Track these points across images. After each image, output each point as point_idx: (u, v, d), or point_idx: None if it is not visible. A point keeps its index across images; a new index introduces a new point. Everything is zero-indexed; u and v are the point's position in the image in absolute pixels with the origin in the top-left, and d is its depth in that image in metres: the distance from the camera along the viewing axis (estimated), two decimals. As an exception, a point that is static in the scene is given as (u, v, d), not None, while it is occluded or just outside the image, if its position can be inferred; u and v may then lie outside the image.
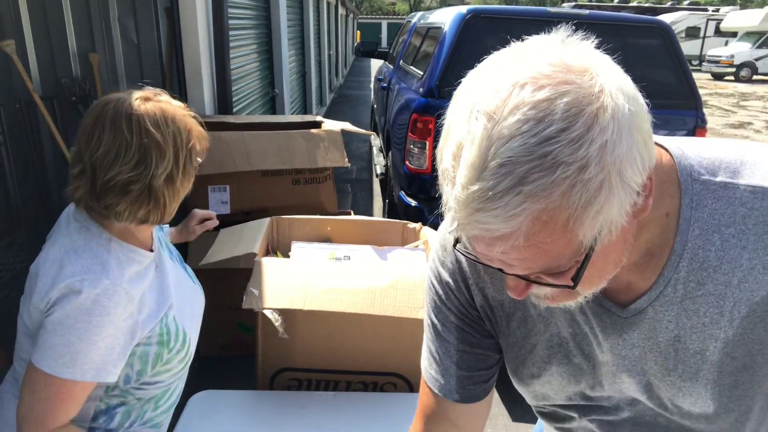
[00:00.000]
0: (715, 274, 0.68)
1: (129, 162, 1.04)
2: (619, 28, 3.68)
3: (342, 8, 18.35)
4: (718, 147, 0.71)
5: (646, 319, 0.72)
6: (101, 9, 3.22)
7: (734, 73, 21.58)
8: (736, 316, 0.68)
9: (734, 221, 0.67)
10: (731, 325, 0.69)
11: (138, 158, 1.04)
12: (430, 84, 3.54)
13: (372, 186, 6.51)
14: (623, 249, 0.65)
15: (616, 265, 0.66)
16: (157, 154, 1.05)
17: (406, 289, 1.60)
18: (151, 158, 1.05)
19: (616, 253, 0.64)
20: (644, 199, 0.60)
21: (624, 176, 0.55)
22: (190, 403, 1.60)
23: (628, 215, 0.58)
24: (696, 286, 0.69)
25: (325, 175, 3.18)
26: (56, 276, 1.02)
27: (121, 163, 1.04)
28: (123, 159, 1.04)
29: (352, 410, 1.58)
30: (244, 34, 5.16)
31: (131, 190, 1.05)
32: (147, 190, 1.06)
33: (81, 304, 1.00)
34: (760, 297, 0.66)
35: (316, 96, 10.53)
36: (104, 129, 1.04)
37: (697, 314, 0.70)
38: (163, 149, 1.06)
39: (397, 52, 6.06)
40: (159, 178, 1.06)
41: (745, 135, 10.73)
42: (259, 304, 1.57)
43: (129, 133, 1.04)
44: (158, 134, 1.05)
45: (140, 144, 1.04)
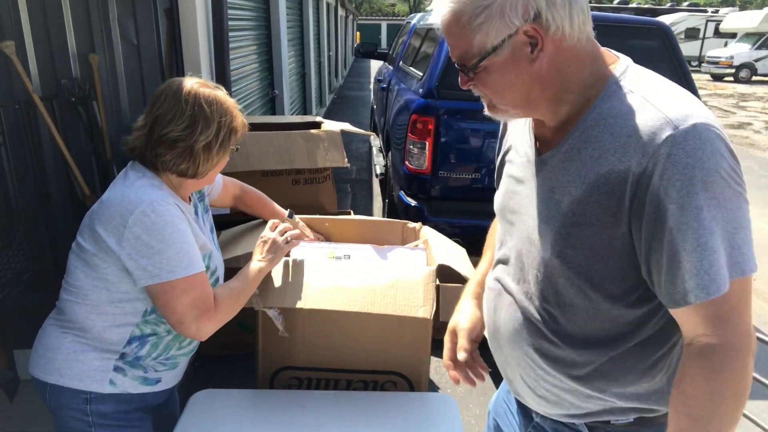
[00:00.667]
0: (588, 148, 0.92)
1: (181, 124, 1.32)
2: (618, 29, 3.68)
3: (342, 9, 18.36)
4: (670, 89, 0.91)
5: (546, 168, 1.00)
6: (101, 10, 3.23)
7: (734, 74, 21.60)
8: (585, 180, 0.91)
9: (615, 115, 0.89)
10: (581, 187, 0.92)
11: (188, 123, 1.33)
12: (430, 85, 3.54)
13: (372, 186, 6.51)
14: (520, 82, 0.92)
15: (520, 93, 0.94)
16: (203, 124, 1.33)
17: (406, 287, 1.60)
18: (198, 126, 1.33)
19: (512, 79, 0.92)
20: (537, 52, 0.89)
21: (504, 12, 0.86)
22: (190, 403, 1.60)
23: (518, 56, 0.89)
24: (575, 153, 0.94)
25: (324, 175, 3.19)
26: (125, 209, 1.25)
27: (175, 124, 1.32)
28: (177, 121, 1.32)
29: (353, 410, 1.58)
30: (244, 35, 5.17)
31: (178, 146, 1.33)
32: (189, 150, 1.33)
33: (156, 218, 1.25)
34: (604, 171, 0.89)
35: (316, 97, 10.53)
36: (167, 97, 1.34)
37: (568, 173, 0.94)
38: (208, 122, 1.34)
39: (397, 53, 6.06)
40: (200, 143, 1.34)
41: (745, 135, 10.74)
42: (260, 303, 1.57)
43: (185, 103, 1.33)
44: (207, 109, 1.34)
45: (192, 113, 1.33)
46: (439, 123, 3.47)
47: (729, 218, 0.82)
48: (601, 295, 0.94)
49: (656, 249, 0.85)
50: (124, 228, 1.24)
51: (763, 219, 6.00)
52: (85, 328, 1.34)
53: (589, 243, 0.92)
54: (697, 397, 0.85)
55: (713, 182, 0.81)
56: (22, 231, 2.82)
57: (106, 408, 1.37)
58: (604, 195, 0.89)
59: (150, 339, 1.38)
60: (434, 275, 1.65)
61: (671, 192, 0.82)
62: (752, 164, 8.43)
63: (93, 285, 1.32)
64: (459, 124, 3.50)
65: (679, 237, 0.82)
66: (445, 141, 3.50)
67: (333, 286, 1.60)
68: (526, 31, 0.87)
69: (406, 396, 1.69)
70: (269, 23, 6.29)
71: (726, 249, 0.82)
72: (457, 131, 3.51)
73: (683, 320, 0.87)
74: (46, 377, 1.36)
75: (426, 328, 1.69)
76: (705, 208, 0.81)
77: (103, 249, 1.28)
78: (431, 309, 1.56)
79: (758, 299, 4.15)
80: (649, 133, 0.84)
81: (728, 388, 0.83)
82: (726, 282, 0.82)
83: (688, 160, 0.81)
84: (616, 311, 0.95)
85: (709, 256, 0.81)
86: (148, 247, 1.25)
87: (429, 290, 1.60)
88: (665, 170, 0.82)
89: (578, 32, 0.90)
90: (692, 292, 0.83)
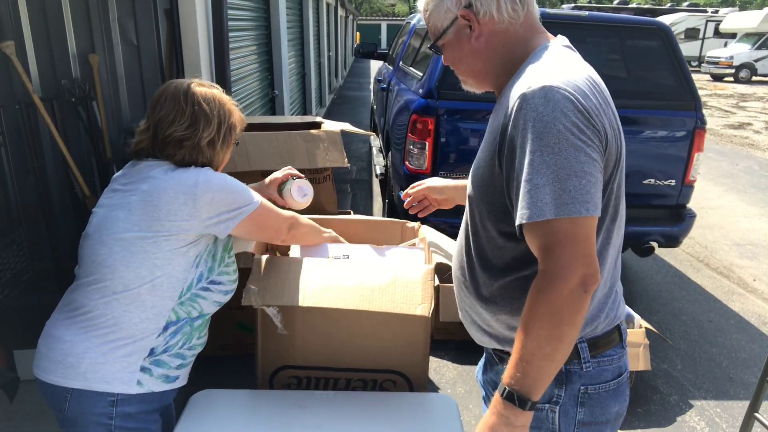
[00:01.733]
0: (505, 99, 1.10)
1: (183, 124, 1.39)
2: (618, 29, 3.68)
3: (341, 10, 18.37)
4: (552, 65, 1.10)
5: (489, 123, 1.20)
6: (101, 10, 3.23)
7: (733, 74, 21.60)
8: (487, 134, 1.16)
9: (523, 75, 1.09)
10: (489, 132, 1.16)
11: (190, 122, 1.39)
12: (430, 85, 3.54)
13: (371, 186, 6.51)
14: (465, 55, 1.19)
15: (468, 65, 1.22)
16: (204, 122, 1.41)
17: (405, 286, 1.60)
18: (200, 123, 1.40)
19: (461, 55, 1.20)
20: (475, 37, 1.16)
21: (444, 2, 1.16)
22: (190, 403, 1.60)
23: (461, 36, 1.17)
24: (499, 106, 1.14)
25: (324, 175, 3.19)
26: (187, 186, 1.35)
27: (177, 124, 1.39)
28: (179, 121, 1.39)
29: (352, 410, 1.58)
30: (244, 35, 5.17)
31: (185, 145, 1.40)
32: (197, 147, 1.41)
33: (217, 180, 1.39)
34: (494, 125, 1.13)
35: (316, 97, 10.53)
36: (167, 99, 1.40)
37: (492, 123, 1.16)
38: (209, 119, 1.41)
39: (397, 54, 6.06)
40: (204, 140, 1.41)
41: (745, 135, 10.74)
42: (258, 301, 1.57)
43: (185, 103, 1.39)
44: (207, 107, 1.41)
45: (192, 112, 1.39)
46: (439, 123, 3.47)
47: (561, 165, 0.97)
48: (492, 225, 1.14)
49: (512, 187, 1.05)
50: (195, 200, 1.34)
51: (764, 219, 6.00)
52: (119, 323, 1.35)
53: (482, 182, 1.15)
54: (524, 315, 1.01)
55: (549, 133, 0.98)
56: (22, 231, 2.83)
57: (131, 409, 1.38)
58: (490, 143, 1.13)
59: (182, 325, 1.43)
60: (433, 273, 1.65)
61: (517, 138, 1.02)
62: (752, 164, 8.43)
63: (135, 274, 1.35)
64: (459, 124, 3.50)
65: (520, 174, 1.01)
66: (445, 141, 3.51)
67: (332, 285, 1.60)
68: (462, 16, 1.15)
69: (406, 396, 1.69)
70: (269, 23, 6.30)
71: (554, 189, 0.97)
72: (457, 131, 3.52)
73: (531, 249, 1.04)
74: (69, 382, 1.34)
75: (425, 327, 1.69)
76: (537, 153, 0.98)
77: (164, 228, 1.34)
78: (430, 307, 1.56)
79: (758, 299, 4.16)
80: (515, 94, 1.05)
81: (544, 307, 0.98)
82: (545, 213, 0.97)
83: (530, 113, 1.00)
84: (503, 241, 1.14)
85: (532, 190, 0.98)
86: (223, 202, 1.38)
87: (427, 288, 1.60)
88: (516, 121, 1.02)
89: (508, 18, 1.13)
90: (518, 215, 1.01)
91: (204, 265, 1.44)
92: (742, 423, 2.15)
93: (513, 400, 1.01)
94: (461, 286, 1.28)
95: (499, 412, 1.02)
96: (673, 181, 3.66)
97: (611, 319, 1.19)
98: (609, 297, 1.18)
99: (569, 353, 1.02)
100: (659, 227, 3.70)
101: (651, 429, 2.67)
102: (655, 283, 4.36)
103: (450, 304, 2.46)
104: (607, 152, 1.04)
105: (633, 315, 2.85)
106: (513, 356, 1.01)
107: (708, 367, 3.21)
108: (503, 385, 1.02)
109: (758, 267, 4.77)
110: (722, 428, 2.70)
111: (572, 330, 0.99)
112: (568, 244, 0.97)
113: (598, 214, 1.00)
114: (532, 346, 0.99)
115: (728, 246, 5.21)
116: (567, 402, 1.15)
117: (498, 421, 1.03)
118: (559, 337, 0.98)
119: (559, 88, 1.00)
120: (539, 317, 0.98)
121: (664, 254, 4.92)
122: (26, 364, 2.49)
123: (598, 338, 1.16)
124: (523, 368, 1.00)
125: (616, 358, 1.19)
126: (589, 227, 0.99)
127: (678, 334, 3.57)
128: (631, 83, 3.69)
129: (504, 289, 1.15)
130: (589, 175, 0.99)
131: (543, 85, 1.01)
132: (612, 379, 1.18)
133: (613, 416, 1.20)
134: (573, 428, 1.16)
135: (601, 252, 1.12)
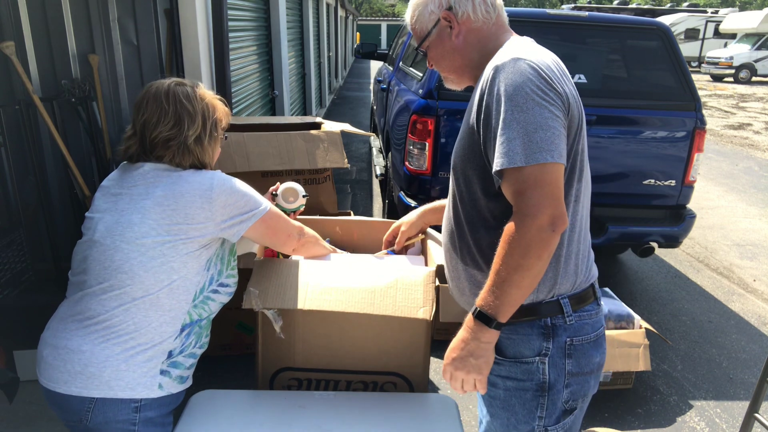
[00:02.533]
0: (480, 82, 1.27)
1: (167, 124, 1.40)
2: (618, 30, 3.68)
3: (341, 10, 18.36)
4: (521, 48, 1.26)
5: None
6: (101, 11, 3.23)
7: (733, 74, 21.60)
8: (469, 104, 1.30)
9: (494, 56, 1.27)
10: (465, 115, 1.31)
11: (174, 121, 1.40)
12: (430, 85, 3.54)
13: (372, 187, 6.51)
14: (447, 52, 1.38)
15: (449, 61, 1.40)
16: (188, 119, 1.42)
17: (405, 288, 1.60)
18: (184, 122, 1.41)
19: (444, 52, 1.39)
20: (455, 35, 1.36)
21: (428, 7, 1.36)
22: (190, 403, 1.60)
23: (443, 35, 1.37)
24: (475, 87, 1.30)
25: (324, 175, 3.19)
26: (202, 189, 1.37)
27: (162, 125, 1.40)
28: (163, 122, 1.40)
29: (352, 410, 1.58)
30: (244, 35, 5.17)
31: (171, 145, 1.41)
32: (183, 146, 1.42)
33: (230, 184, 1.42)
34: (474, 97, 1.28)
35: (316, 97, 10.53)
36: (149, 102, 1.42)
37: (472, 96, 1.30)
38: (192, 116, 1.42)
39: (397, 54, 6.06)
40: (190, 138, 1.42)
41: (745, 136, 10.75)
42: (259, 304, 1.57)
43: (167, 104, 1.40)
44: (189, 105, 1.42)
45: (175, 111, 1.41)
46: (439, 123, 3.47)
47: (529, 121, 1.14)
48: (478, 187, 1.29)
49: (489, 146, 1.20)
50: (210, 203, 1.37)
51: (764, 219, 6.00)
52: (139, 329, 1.34)
53: (465, 150, 1.30)
54: (498, 249, 1.17)
55: (517, 95, 1.15)
56: (22, 231, 2.83)
57: (152, 413, 1.38)
58: (468, 115, 1.29)
59: (196, 326, 1.45)
60: (434, 276, 1.65)
61: (492, 103, 1.18)
62: (752, 165, 8.43)
63: (155, 278, 1.35)
64: (459, 124, 3.48)
65: (495, 131, 1.17)
66: (445, 141, 3.50)
67: (332, 287, 1.60)
68: (444, 17, 1.35)
69: (406, 396, 1.69)
70: (269, 23, 6.30)
71: (523, 141, 1.13)
72: (457, 132, 3.50)
73: (507, 198, 1.18)
74: (92, 392, 1.32)
75: (426, 329, 1.69)
76: (509, 112, 1.15)
77: (181, 231, 1.36)
78: (431, 310, 1.56)
79: (758, 299, 4.16)
80: (489, 68, 1.23)
81: (513, 240, 1.13)
82: (516, 161, 1.13)
83: (502, 80, 1.17)
84: (486, 201, 1.28)
85: (505, 142, 1.14)
86: (236, 205, 1.42)
87: (429, 291, 1.60)
88: (491, 88, 1.19)
89: (482, 18, 1.34)
90: (495, 164, 1.16)
91: (214, 269, 1.46)
92: (742, 423, 2.15)
93: (482, 319, 1.18)
94: (452, 254, 1.40)
95: (470, 328, 1.20)
96: (673, 181, 3.66)
97: (586, 277, 1.34)
98: (586, 255, 1.35)
99: (535, 285, 1.18)
100: (659, 228, 3.70)
101: (651, 429, 2.67)
102: (655, 283, 4.36)
103: (450, 305, 2.45)
104: (570, 114, 1.20)
105: (633, 315, 2.85)
106: (486, 284, 1.18)
107: (708, 368, 3.21)
108: (475, 307, 1.20)
109: (758, 267, 4.77)
110: (722, 428, 2.70)
111: (538, 263, 1.14)
112: (537, 187, 1.12)
113: (563, 162, 1.15)
114: (503, 274, 1.15)
115: (728, 246, 5.21)
116: (555, 354, 1.28)
117: (468, 336, 1.21)
118: (527, 267, 1.13)
119: (526, 60, 1.19)
120: (510, 250, 1.14)
121: (664, 254, 4.92)
122: (26, 365, 2.49)
123: (577, 294, 1.31)
124: (493, 292, 1.16)
125: (594, 313, 1.34)
126: (556, 173, 1.14)
127: (678, 335, 3.57)
128: (631, 84, 3.69)
129: (491, 247, 1.26)
130: (554, 129, 1.15)
131: (512, 57, 1.20)
132: (592, 332, 1.32)
133: (596, 366, 1.34)
134: (564, 379, 1.29)
135: (573, 207, 1.27)
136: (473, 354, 1.20)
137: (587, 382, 1.33)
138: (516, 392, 1.30)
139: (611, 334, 2.70)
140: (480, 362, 1.21)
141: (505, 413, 1.34)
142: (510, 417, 1.33)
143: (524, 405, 1.31)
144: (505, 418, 1.34)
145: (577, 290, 1.31)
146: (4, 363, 2.45)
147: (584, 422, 1.44)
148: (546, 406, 1.30)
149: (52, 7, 3.05)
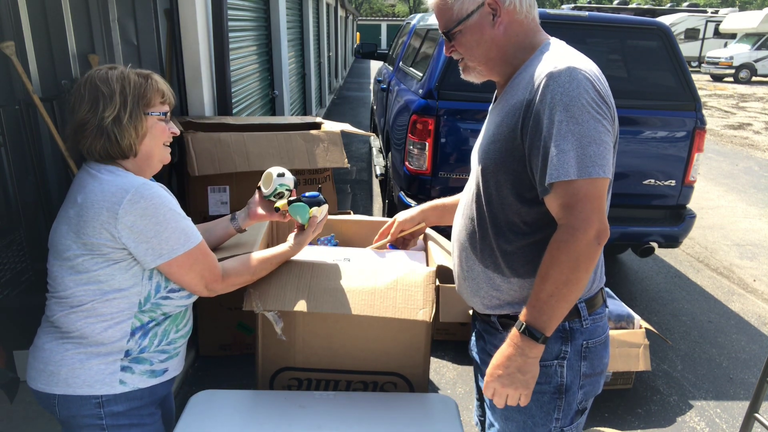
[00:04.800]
0: (511, 91, 1.28)
1: (84, 108, 1.35)
2: (618, 30, 3.68)
3: (341, 10, 18.36)
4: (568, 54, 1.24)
5: (491, 114, 1.39)
6: (101, 11, 3.22)
7: (733, 74, 21.59)
8: (503, 112, 1.28)
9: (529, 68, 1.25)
10: (500, 116, 1.29)
11: (90, 105, 1.34)
12: (430, 85, 3.54)
13: (372, 187, 6.51)
14: (484, 41, 1.30)
15: (484, 51, 1.31)
16: (103, 101, 1.34)
17: (405, 289, 1.60)
18: (99, 103, 1.34)
19: (480, 40, 1.30)
20: (497, 20, 1.28)
21: None
22: (190, 403, 1.60)
23: (483, 22, 1.28)
24: (505, 97, 1.31)
25: (324, 175, 3.19)
26: (111, 202, 1.27)
27: (78, 111, 1.36)
28: (79, 106, 1.36)
29: (352, 410, 1.58)
30: (244, 35, 5.17)
31: (87, 129, 1.34)
32: (99, 129, 1.34)
33: (146, 203, 1.28)
34: (513, 102, 1.25)
35: (316, 97, 10.53)
36: (75, 93, 1.39)
37: (499, 111, 1.30)
38: (107, 97, 1.34)
39: (397, 54, 6.06)
40: (107, 120, 1.34)
41: (745, 136, 10.74)
42: (260, 306, 1.57)
43: (84, 89, 1.36)
44: (105, 87, 1.35)
45: (88, 94, 1.35)
46: (439, 123, 3.47)
47: (583, 134, 1.13)
48: (510, 192, 1.27)
49: (534, 154, 1.19)
50: (115, 220, 1.26)
51: (764, 219, 6.00)
52: (84, 335, 1.34)
53: (500, 154, 1.27)
54: (543, 263, 1.17)
55: (574, 106, 1.13)
56: (22, 231, 2.82)
57: (119, 407, 1.38)
58: (509, 118, 1.25)
59: (151, 327, 1.40)
60: (434, 276, 1.65)
61: (544, 110, 1.16)
62: (752, 165, 8.43)
63: (84, 290, 1.32)
64: (459, 124, 3.50)
65: (548, 140, 1.15)
66: (445, 141, 3.50)
67: (332, 289, 1.59)
68: (489, 3, 1.28)
69: (406, 396, 1.69)
70: (269, 23, 6.29)
71: (577, 154, 1.13)
72: (457, 132, 3.51)
73: (551, 209, 1.19)
74: (53, 389, 1.35)
75: (426, 330, 1.69)
76: (564, 123, 1.13)
77: (94, 247, 1.29)
78: (431, 311, 1.56)
79: (758, 299, 4.16)
80: (539, 74, 1.20)
81: (563, 255, 1.14)
82: (569, 174, 1.12)
83: (558, 89, 1.15)
84: (519, 206, 1.27)
85: (559, 154, 1.13)
86: (144, 234, 1.29)
87: (429, 292, 1.60)
88: (543, 95, 1.17)
89: (526, 11, 1.29)
90: (547, 176, 1.15)
91: (159, 276, 1.38)
92: (742, 423, 2.15)
93: (529, 335, 1.18)
94: (469, 254, 1.39)
95: (516, 344, 1.20)
96: (673, 181, 3.66)
97: (599, 282, 1.36)
98: (601, 261, 1.36)
99: (579, 297, 1.18)
100: (659, 227, 3.70)
101: (651, 429, 2.67)
102: (655, 283, 4.36)
103: (450, 305, 2.45)
104: (614, 127, 1.20)
105: (633, 315, 2.85)
106: (531, 299, 1.19)
107: (708, 368, 3.21)
108: (521, 322, 1.19)
109: (758, 267, 4.77)
110: (722, 428, 2.70)
111: (585, 276, 1.15)
112: (587, 201, 1.13)
113: (610, 176, 1.17)
114: (551, 289, 1.15)
115: (728, 246, 5.21)
116: (572, 357, 1.30)
117: (514, 352, 1.20)
118: (575, 281, 1.14)
119: (581, 69, 1.17)
120: (559, 264, 1.14)
121: (664, 254, 4.92)
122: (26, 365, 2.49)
123: (591, 298, 1.33)
124: (540, 307, 1.17)
125: (603, 315, 1.37)
126: (604, 188, 1.15)
127: (678, 335, 3.57)
128: (631, 83, 3.69)
129: (518, 253, 1.28)
130: (606, 143, 1.15)
131: (568, 66, 1.17)
132: (602, 334, 1.35)
133: (604, 366, 1.38)
134: (579, 380, 1.32)
135: None
136: (521, 369, 1.20)
137: (598, 382, 1.37)
138: (534, 395, 1.29)
139: (611, 334, 2.70)
140: (528, 377, 1.21)
141: (521, 416, 1.34)
142: (527, 420, 1.34)
143: (541, 407, 1.32)
144: (521, 420, 1.34)
145: (591, 294, 1.33)
146: (4, 363, 2.45)
147: (584, 422, 1.44)
148: (562, 407, 1.32)
149: (52, 7, 3.04)
